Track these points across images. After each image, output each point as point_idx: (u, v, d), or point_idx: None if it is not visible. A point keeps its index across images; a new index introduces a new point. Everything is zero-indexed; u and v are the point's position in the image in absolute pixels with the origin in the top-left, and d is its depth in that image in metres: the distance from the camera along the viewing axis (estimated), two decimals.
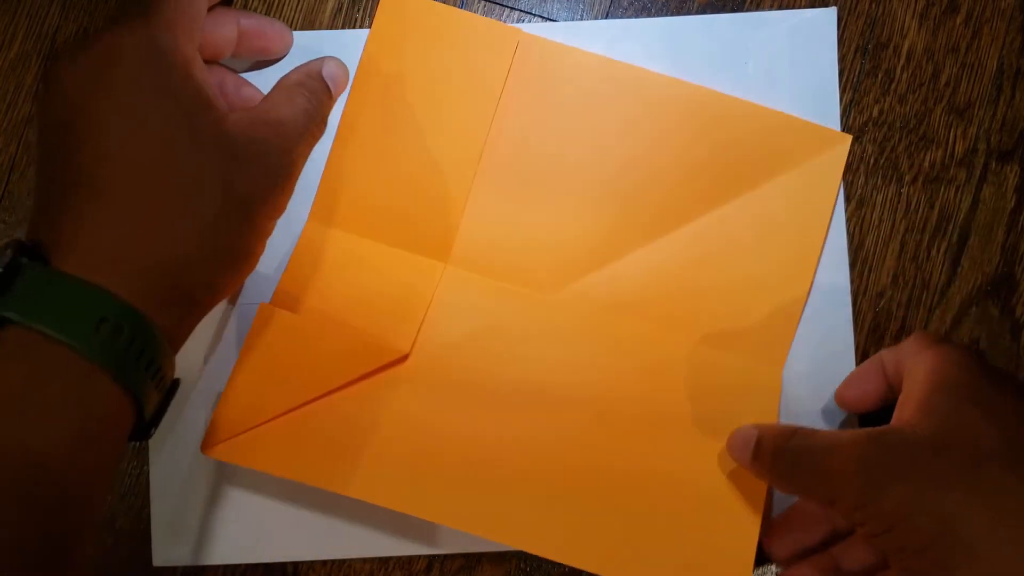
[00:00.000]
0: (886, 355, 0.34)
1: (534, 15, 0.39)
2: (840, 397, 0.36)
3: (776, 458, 0.31)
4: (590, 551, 0.33)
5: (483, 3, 0.39)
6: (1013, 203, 0.38)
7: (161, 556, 0.37)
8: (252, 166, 0.30)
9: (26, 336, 0.25)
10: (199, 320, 0.30)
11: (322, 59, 0.36)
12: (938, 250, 0.38)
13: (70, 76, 0.28)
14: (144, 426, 0.28)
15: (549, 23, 0.39)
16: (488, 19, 0.38)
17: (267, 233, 0.32)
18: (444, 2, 0.38)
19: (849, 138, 0.37)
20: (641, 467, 0.35)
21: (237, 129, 0.30)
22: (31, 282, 0.25)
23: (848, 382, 0.36)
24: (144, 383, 0.27)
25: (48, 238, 0.27)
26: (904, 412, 0.30)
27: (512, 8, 0.39)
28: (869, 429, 0.30)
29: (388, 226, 0.38)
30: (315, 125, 0.34)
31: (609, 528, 0.33)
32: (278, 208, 0.32)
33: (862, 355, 0.37)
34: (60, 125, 0.28)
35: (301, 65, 0.36)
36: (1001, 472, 0.27)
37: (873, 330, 0.38)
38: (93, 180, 0.27)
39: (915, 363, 0.32)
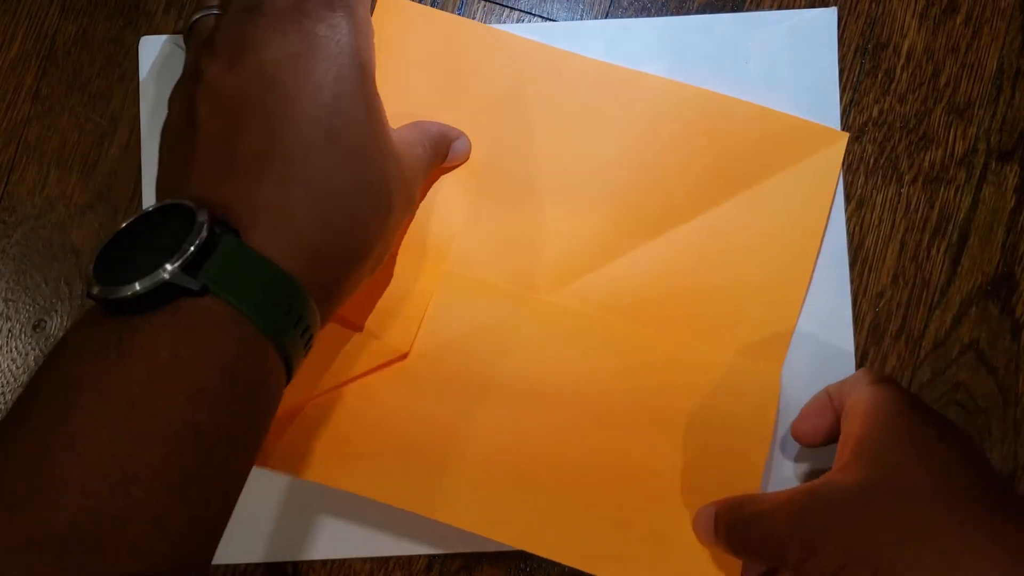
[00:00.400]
0: (832, 389, 0.34)
1: (534, 15, 0.39)
2: (795, 431, 0.35)
3: (730, 531, 0.31)
4: (588, 551, 0.33)
5: (483, 3, 0.39)
6: (1013, 203, 0.38)
7: None
8: (405, 184, 0.32)
9: (225, 310, 0.25)
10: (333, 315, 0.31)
11: (459, 132, 0.37)
12: (938, 250, 0.38)
13: (276, 58, 0.29)
14: None
15: (549, 23, 0.39)
16: (485, 25, 0.38)
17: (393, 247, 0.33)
18: (443, 5, 0.38)
19: (846, 135, 0.37)
20: (640, 468, 0.35)
21: (399, 147, 0.32)
22: (226, 255, 0.25)
23: (801, 417, 0.35)
24: (299, 367, 0.29)
25: (227, 207, 0.27)
26: (843, 455, 0.31)
27: (512, 8, 0.39)
28: (806, 484, 0.30)
29: None
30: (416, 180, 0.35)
31: (607, 528, 0.33)
32: (403, 229, 0.33)
33: (862, 355, 0.37)
34: (255, 96, 0.28)
35: (442, 124, 0.37)
36: (936, 513, 0.27)
37: (873, 330, 0.38)
38: (287, 162, 0.28)
39: (853, 403, 0.32)
